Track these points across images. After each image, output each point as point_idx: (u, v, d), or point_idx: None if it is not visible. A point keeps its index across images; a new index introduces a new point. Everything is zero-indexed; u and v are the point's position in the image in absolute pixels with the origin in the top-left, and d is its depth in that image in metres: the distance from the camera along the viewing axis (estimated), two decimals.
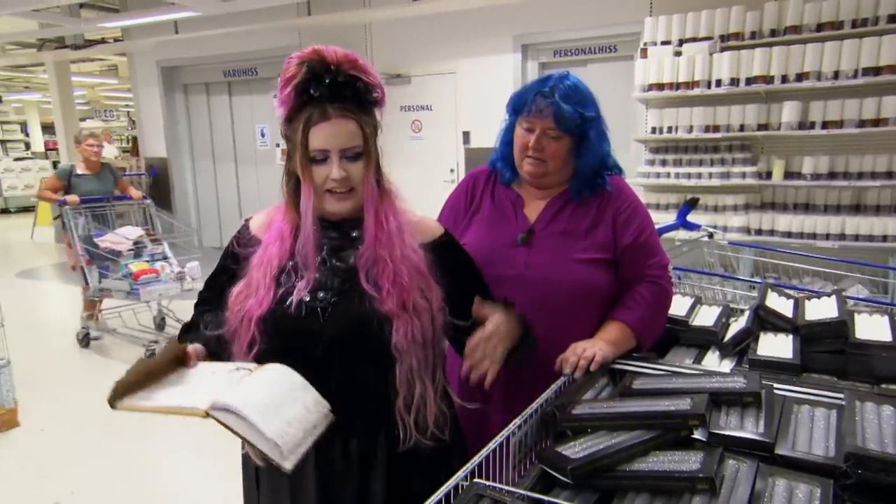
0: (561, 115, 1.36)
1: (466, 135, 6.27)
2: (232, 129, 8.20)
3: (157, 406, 1.00)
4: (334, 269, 1.16)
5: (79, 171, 4.71)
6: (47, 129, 15.60)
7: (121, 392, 1.03)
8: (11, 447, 3.12)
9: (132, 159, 8.73)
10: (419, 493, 1.19)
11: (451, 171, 6.44)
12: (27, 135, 14.75)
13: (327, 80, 1.09)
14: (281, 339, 1.14)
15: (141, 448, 3.08)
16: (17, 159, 13.19)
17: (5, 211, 12.94)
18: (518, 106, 1.43)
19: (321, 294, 1.14)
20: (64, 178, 4.67)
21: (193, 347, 1.15)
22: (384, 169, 1.21)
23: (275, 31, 6.77)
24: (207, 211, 8.66)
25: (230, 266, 1.24)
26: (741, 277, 2.32)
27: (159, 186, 8.49)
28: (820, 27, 4.13)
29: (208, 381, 1.05)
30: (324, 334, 1.13)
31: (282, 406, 0.99)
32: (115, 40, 8.35)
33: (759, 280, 2.30)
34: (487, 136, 6.08)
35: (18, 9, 6.15)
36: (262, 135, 7.93)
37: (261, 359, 1.13)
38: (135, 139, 9.38)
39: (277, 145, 6.80)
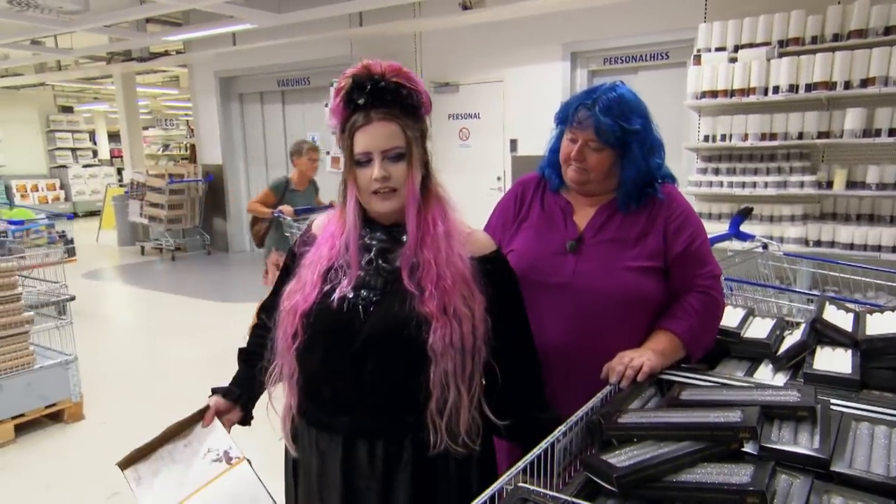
0: (600, 127, 1.36)
1: (514, 143, 6.27)
2: (284, 136, 8.43)
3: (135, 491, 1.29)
4: (379, 269, 1.19)
5: (293, 186, 4.59)
6: (112, 137, 16.43)
7: (133, 457, 1.31)
8: (77, 439, 3.29)
9: (190, 166, 9.08)
10: (443, 502, 1.20)
11: (498, 178, 6.44)
12: (94, 143, 15.56)
13: (369, 87, 1.14)
14: (321, 334, 1.18)
15: None
16: (85, 166, 13.91)
17: (73, 214, 13.66)
18: (563, 116, 1.43)
19: (364, 292, 1.17)
20: (279, 192, 4.54)
21: (215, 403, 1.33)
22: (435, 175, 1.24)
23: (327, 41, 6.95)
24: None
25: (290, 265, 1.30)
26: (797, 290, 2.23)
27: (215, 192, 8.81)
28: (888, 30, 3.96)
29: (183, 472, 1.30)
30: (362, 331, 1.15)
31: None
32: (178, 52, 8.74)
33: (817, 293, 2.22)
34: (534, 144, 6.10)
35: (92, 25, 6.52)
36: (314, 142, 8.12)
37: (301, 352, 1.18)
38: (193, 147, 9.77)
39: (328, 153, 6.95)
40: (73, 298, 5.27)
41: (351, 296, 1.17)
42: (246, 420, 1.37)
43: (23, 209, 5.56)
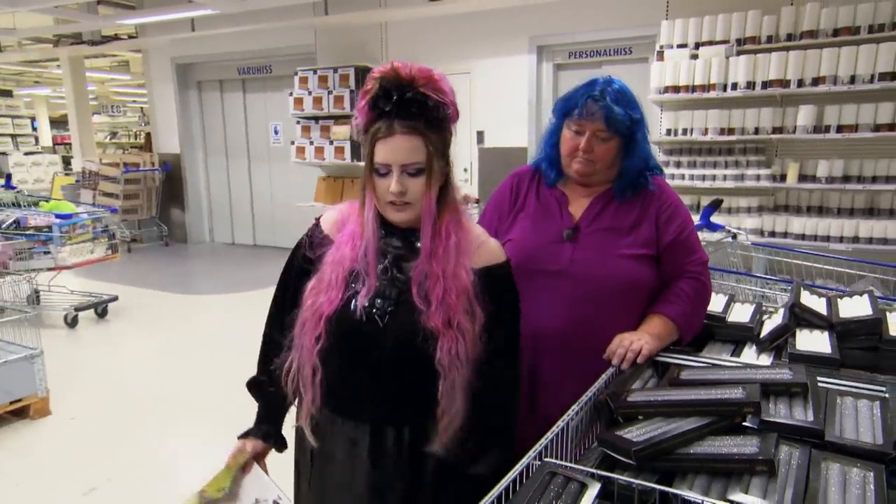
0: (612, 117, 1.41)
1: (480, 135, 6.32)
2: (245, 126, 8.27)
3: None
4: (394, 279, 1.21)
5: None
6: (55, 124, 15.69)
7: None
8: (45, 435, 3.19)
9: (145, 154, 8.79)
10: (468, 478, 1.25)
11: (465, 170, 6.49)
12: (35, 129, 14.84)
13: (395, 97, 1.12)
14: (343, 340, 1.20)
15: (170, 435, 3.15)
16: (27, 153, 13.27)
17: (16, 205, 13.01)
18: (567, 109, 1.48)
19: (379, 302, 1.19)
20: None
21: (253, 448, 1.32)
22: (454, 183, 1.24)
23: (290, 29, 6.83)
24: (220, 207, 8.73)
25: (304, 266, 1.27)
26: (768, 277, 2.37)
27: (172, 182, 8.56)
28: (837, 32, 4.19)
29: None
30: (381, 341, 1.19)
31: None
32: (130, 37, 8.42)
33: (786, 280, 2.36)
34: (501, 137, 6.17)
35: (38, 5, 6.22)
36: (276, 132, 8.00)
37: (324, 354, 1.20)
38: (148, 135, 9.46)
39: (292, 143, 6.86)
40: (115, 299, 5.12)
41: (367, 305, 1.18)
42: (282, 448, 1.37)
43: (64, 202, 5.07)
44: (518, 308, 1.28)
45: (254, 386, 1.36)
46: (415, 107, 1.13)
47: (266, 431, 1.34)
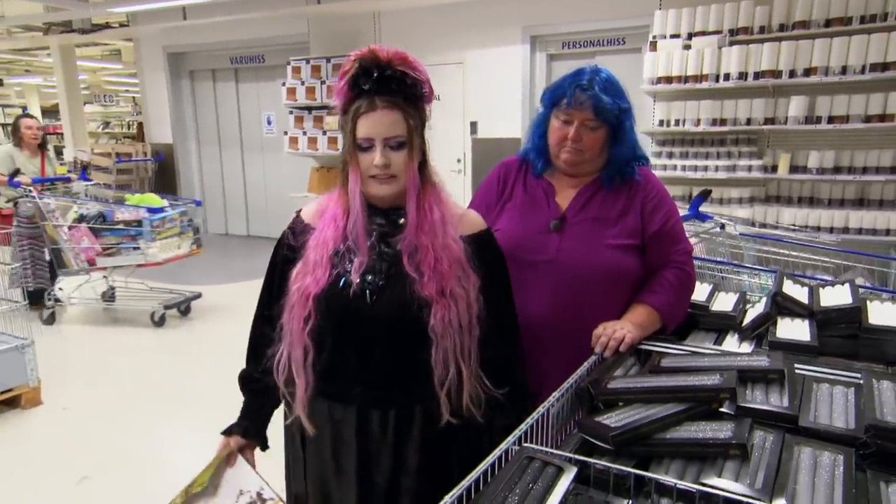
0: (601, 106, 1.42)
1: (474, 125, 6.32)
2: (238, 116, 8.22)
3: None
4: (382, 254, 1.24)
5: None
6: (47, 113, 15.57)
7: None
8: (36, 425, 3.19)
9: (137, 144, 8.75)
10: (451, 462, 1.28)
11: (459, 160, 6.49)
12: None
13: (375, 74, 1.17)
14: (333, 318, 1.23)
15: (163, 425, 3.16)
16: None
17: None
18: (555, 99, 1.49)
19: (370, 277, 1.22)
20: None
21: (236, 443, 1.34)
22: (431, 162, 1.29)
23: (283, 18, 6.79)
24: (213, 198, 8.70)
25: (289, 256, 1.29)
26: (757, 267, 2.40)
27: (165, 172, 8.53)
28: (829, 22, 4.20)
29: None
30: (371, 316, 1.21)
31: None
32: (121, 25, 8.34)
33: (771, 270, 2.38)
34: (495, 127, 6.17)
35: None
36: (269, 122, 7.97)
37: (314, 335, 1.22)
38: (140, 125, 9.41)
39: (285, 133, 6.83)
40: (199, 296, 5.05)
41: (358, 281, 1.21)
42: (264, 446, 1.39)
43: (150, 195, 4.85)
44: (506, 269, 1.35)
45: (242, 380, 1.38)
46: (394, 83, 1.18)
47: (246, 428, 1.36)
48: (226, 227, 8.68)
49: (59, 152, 12.63)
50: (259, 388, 1.34)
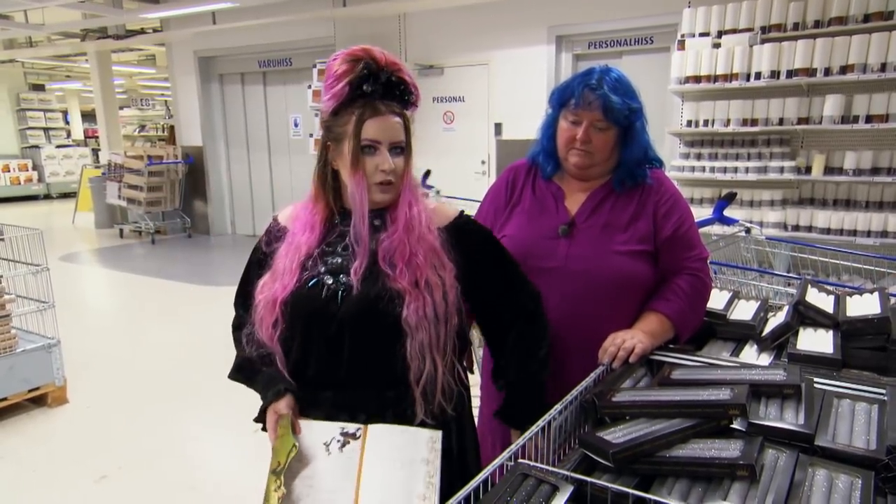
0: (610, 106, 1.37)
1: (498, 126, 6.27)
2: (266, 118, 8.33)
3: None
4: (356, 254, 1.21)
5: None
6: (86, 117, 16.03)
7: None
8: (61, 423, 3.26)
9: (169, 147, 8.93)
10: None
11: (483, 162, 6.45)
12: (68, 123, 15.18)
13: (382, 79, 1.16)
14: (299, 319, 1.20)
15: (184, 424, 3.20)
16: (59, 146, 13.58)
17: (47, 196, 13.36)
18: (564, 99, 1.44)
19: (343, 277, 1.20)
20: None
21: (288, 406, 1.20)
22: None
23: (310, 22, 6.85)
24: (241, 199, 8.84)
25: (261, 261, 1.29)
26: (779, 273, 2.30)
27: (195, 174, 8.68)
28: (868, 17, 4.03)
29: (328, 480, 1.16)
30: (339, 312, 1.18)
31: (410, 488, 1.12)
32: (155, 31, 8.53)
33: (796, 276, 2.28)
34: (519, 128, 6.11)
35: (65, 0, 6.34)
36: (296, 125, 8.05)
37: (283, 338, 1.20)
38: (171, 128, 9.59)
39: (311, 135, 6.88)
40: None
41: (330, 282, 1.19)
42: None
43: None
44: (498, 242, 1.34)
45: (239, 370, 1.30)
46: (398, 89, 1.18)
47: (279, 389, 1.22)
48: (253, 228, 8.80)
49: (97, 155, 13.04)
50: (263, 358, 1.25)
